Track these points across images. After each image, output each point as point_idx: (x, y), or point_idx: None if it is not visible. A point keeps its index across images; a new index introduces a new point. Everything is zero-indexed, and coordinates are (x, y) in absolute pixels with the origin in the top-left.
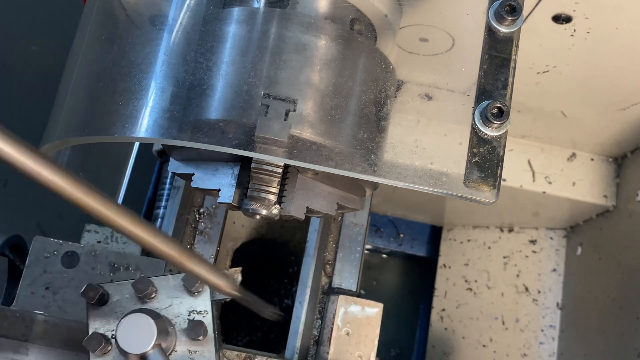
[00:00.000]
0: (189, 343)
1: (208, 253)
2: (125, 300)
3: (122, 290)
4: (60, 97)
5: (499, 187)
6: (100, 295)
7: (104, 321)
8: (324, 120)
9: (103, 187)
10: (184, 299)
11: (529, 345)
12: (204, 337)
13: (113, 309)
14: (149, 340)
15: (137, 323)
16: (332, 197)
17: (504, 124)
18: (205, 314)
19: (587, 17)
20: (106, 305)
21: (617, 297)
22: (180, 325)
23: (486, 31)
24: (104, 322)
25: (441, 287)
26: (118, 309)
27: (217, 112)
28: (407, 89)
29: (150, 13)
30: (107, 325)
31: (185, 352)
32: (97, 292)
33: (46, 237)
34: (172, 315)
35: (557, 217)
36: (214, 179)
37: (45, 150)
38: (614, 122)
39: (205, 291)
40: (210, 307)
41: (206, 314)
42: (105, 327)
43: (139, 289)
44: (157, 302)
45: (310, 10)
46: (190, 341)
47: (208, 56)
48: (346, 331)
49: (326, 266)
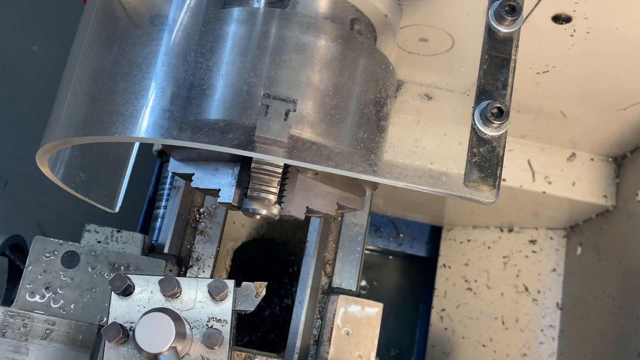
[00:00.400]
0: (204, 349)
1: (208, 253)
2: (150, 295)
3: (149, 284)
4: (61, 97)
5: (499, 187)
6: (127, 286)
7: (125, 312)
8: (323, 120)
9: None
10: (206, 305)
11: (528, 345)
12: (219, 347)
13: (136, 302)
14: (166, 341)
15: (157, 322)
16: (332, 197)
17: (503, 124)
18: (225, 323)
19: (587, 17)
20: (130, 296)
21: (617, 297)
22: (198, 329)
23: (486, 31)
24: (125, 313)
25: (441, 287)
26: (141, 303)
27: (217, 112)
28: (407, 89)
29: (150, 13)
30: (127, 316)
31: (199, 358)
32: (124, 283)
33: (46, 237)
34: (192, 318)
35: (557, 217)
36: (214, 179)
37: (45, 150)
38: (613, 122)
39: (227, 300)
40: (230, 317)
41: (225, 324)
42: (125, 318)
43: (164, 287)
44: (180, 303)
45: (310, 10)
46: (205, 348)
47: (208, 56)
48: (346, 331)
49: (326, 266)
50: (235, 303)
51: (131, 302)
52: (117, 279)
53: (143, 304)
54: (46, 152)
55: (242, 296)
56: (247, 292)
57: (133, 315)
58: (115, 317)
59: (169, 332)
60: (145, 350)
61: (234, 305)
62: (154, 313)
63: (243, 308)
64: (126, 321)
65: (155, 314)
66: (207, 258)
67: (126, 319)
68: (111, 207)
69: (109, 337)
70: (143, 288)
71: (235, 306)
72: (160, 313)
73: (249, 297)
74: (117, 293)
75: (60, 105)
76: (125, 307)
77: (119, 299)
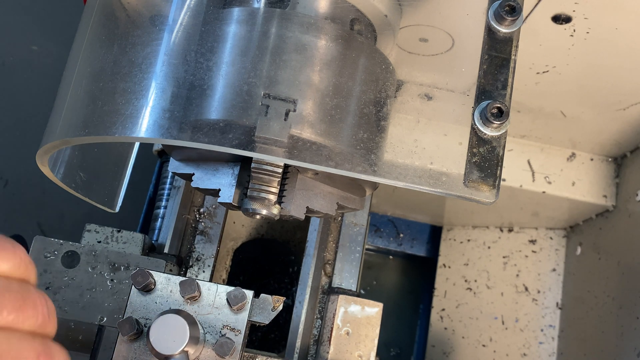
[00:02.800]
0: (214, 357)
1: (208, 253)
2: (169, 294)
3: (169, 284)
4: (61, 97)
5: (499, 187)
6: (148, 282)
7: (142, 308)
8: (324, 120)
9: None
10: (222, 312)
11: (528, 345)
12: (230, 357)
13: (154, 299)
14: (179, 345)
15: (172, 324)
16: (332, 197)
17: (503, 124)
18: (238, 333)
19: (587, 17)
20: (149, 293)
21: (617, 297)
22: (212, 335)
23: (486, 31)
24: (142, 309)
25: (441, 287)
26: (159, 301)
27: (217, 112)
28: (407, 89)
29: (151, 13)
30: (143, 312)
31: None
32: (146, 279)
33: (46, 237)
34: (206, 324)
35: (557, 217)
36: (214, 179)
37: (45, 150)
38: (613, 122)
39: (244, 311)
40: (244, 328)
41: (238, 334)
42: (141, 315)
43: (185, 289)
44: (198, 307)
45: (310, 11)
46: (215, 355)
47: (208, 56)
48: (346, 331)
49: (326, 266)
50: (251, 314)
51: (149, 299)
52: (139, 274)
53: (161, 303)
54: (46, 152)
55: (259, 308)
56: (264, 304)
57: (150, 313)
58: (131, 312)
59: (183, 336)
60: (157, 351)
61: (249, 316)
62: (170, 314)
63: (258, 320)
64: (142, 317)
65: (172, 315)
66: (207, 258)
67: (142, 314)
68: (111, 207)
69: (123, 331)
70: (163, 286)
71: (251, 317)
72: (177, 315)
73: (265, 309)
74: (138, 288)
75: (60, 105)
76: (143, 303)
77: (138, 295)
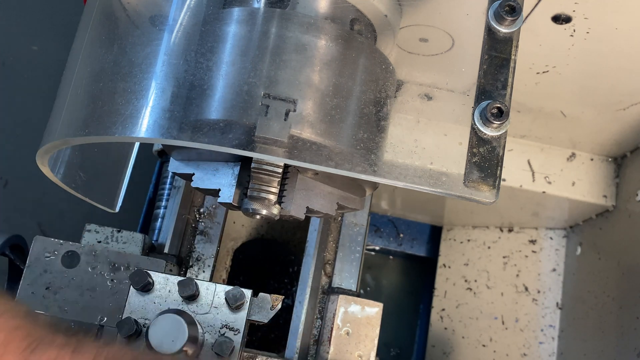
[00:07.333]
0: (213, 356)
1: (208, 253)
2: (168, 294)
3: (168, 284)
4: (61, 97)
5: (499, 187)
6: (146, 282)
7: (141, 308)
8: (324, 120)
9: (103, 187)
10: (221, 311)
11: (528, 345)
12: (228, 357)
13: (153, 299)
14: (178, 344)
15: (171, 324)
16: (332, 197)
17: (503, 124)
18: (237, 332)
19: (587, 18)
20: (148, 293)
21: (617, 297)
22: (211, 335)
23: (486, 31)
24: (141, 309)
25: (441, 287)
26: (158, 301)
27: (217, 112)
28: (407, 89)
29: (151, 13)
30: (142, 312)
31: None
32: (144, 279)
33: (46, 237)
34: (206, 323)
35: (557, 217)
36: (214, 179)
37: (45, 150)
38: (613, 122)
39: (243, 310)
40: (243, 327)
41: (237, 333)
42: (140, 315)
43: (183, 289)
44: (196, 306)
45: (310, 11)
46: (214, 354)
47: (208, 56)
48: (346, 331)
49: (326, 266)
50: (250, 313)
51: (148, 299)
52: (137, 274)
53: (160, 303)
54: (46, 152)
55: (257, 307)
56: (262, 303)
57: (148, 313)
58: (130, 312)
59: (181, 335)
60: (156, 350)
61: (248, 315)
62: (169, 314)
63: (257, 319)
64: (141, 317)
65: (171, 315)
66: (207, 258)
67: (141, 314)
68: (111, 207)
69: (122, 332)
70: (162, 286)
71: (250, 316)
72: (175, 315)
73: (264, 308)
74: (136, 288)
75: (61, 105)
76: (141, 303)
77: (137, 295)
